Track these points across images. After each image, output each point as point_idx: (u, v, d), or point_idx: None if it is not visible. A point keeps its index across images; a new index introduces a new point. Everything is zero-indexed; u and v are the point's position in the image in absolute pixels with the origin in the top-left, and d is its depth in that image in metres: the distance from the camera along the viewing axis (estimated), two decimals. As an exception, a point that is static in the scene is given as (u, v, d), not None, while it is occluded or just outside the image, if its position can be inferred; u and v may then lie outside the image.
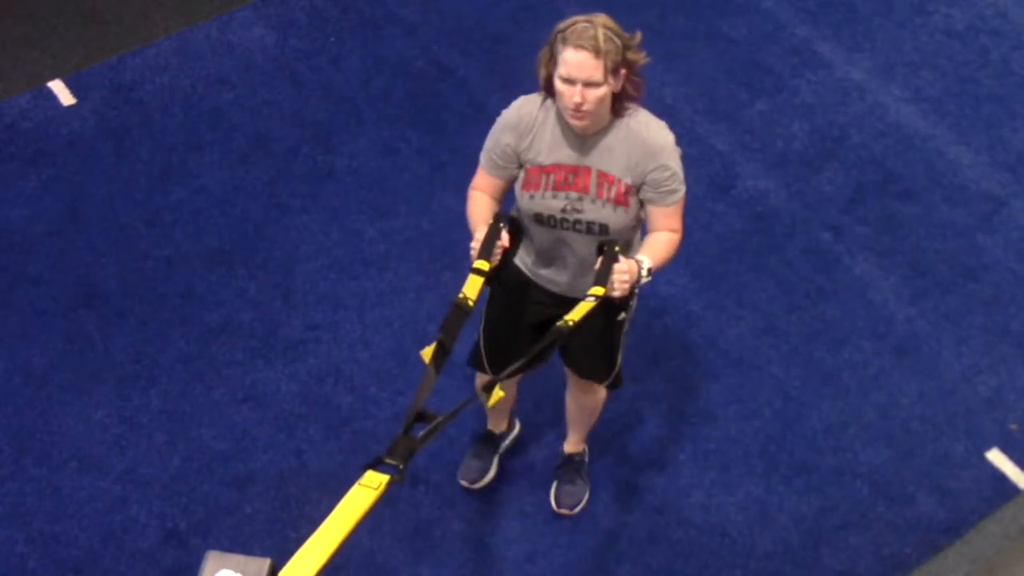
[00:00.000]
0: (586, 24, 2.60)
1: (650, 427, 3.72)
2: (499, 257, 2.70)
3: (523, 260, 2.99)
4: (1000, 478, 3.64)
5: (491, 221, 2.74)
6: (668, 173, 2.73)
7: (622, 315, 3.00)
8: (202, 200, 4.26)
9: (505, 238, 2.71)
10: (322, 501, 3.47)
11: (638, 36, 2.67)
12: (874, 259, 4.18)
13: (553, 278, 2.96)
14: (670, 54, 4.85)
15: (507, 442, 3.59)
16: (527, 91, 4.66)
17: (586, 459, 3.55)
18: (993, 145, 4.55)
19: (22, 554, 3.37)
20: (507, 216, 2.77)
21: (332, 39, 4.85)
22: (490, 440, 3.55)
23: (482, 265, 2.66)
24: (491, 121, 4.57)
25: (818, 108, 4.66)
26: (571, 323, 2.60)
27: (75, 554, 3.38)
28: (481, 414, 3.59)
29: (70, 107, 4.55)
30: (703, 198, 4.33)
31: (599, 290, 2.61)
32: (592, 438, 3.66)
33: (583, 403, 3.37)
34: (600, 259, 2.65)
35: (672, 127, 4.62)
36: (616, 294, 2.62)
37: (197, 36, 4.82)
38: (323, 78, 4.69)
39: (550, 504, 3.50)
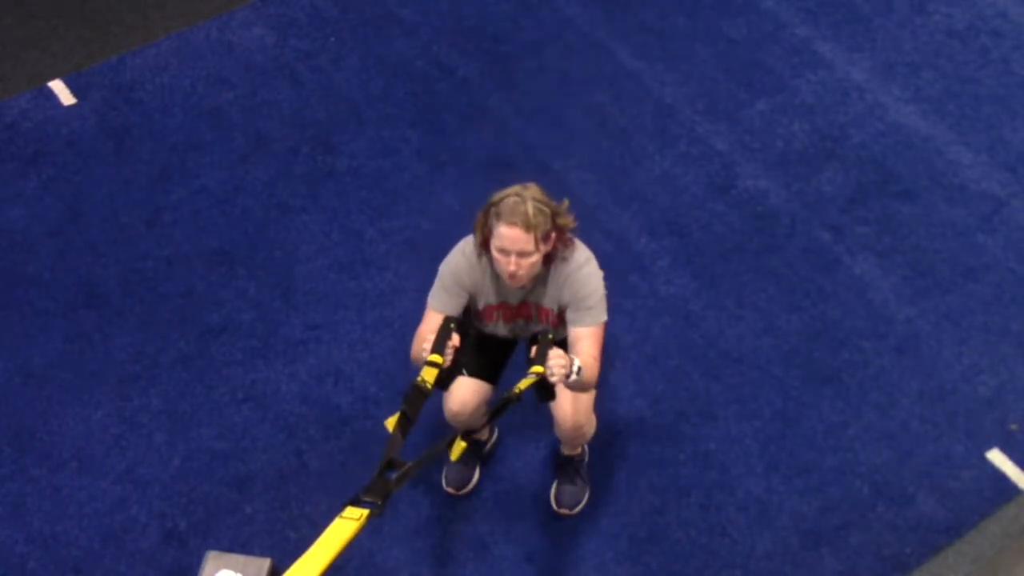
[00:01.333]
0: (516, 199, 2.88)
1: (649, 427, 3.72)
2: (451, 357, 2.91)
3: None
4: (1000, 478, 3.64)
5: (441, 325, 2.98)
6: (586, 296, 3.05)
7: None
8: (202, 200, 4.27)
9: (455, 339, 2.92)
10: (322, 501, 3.48)
11: (565, 203, 2.99)
12: (874, 259, 4.18)
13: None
14: (670, 54, 4.85)
15: (488, 447, 3.60)
16: (527, 91, 4.69)
17: (585, 459, 3.55)
18: (993, 145, 4.55)
19: (22, 554, 3.37)
20: (456, 319, 2.99)
21: (332, 39, 4.85)
22: (472, 446, 3.53)
23: (436, 359, 2.89)
24: (491, 121, 4.59)
25: (818, 108, 4.66)
26: (517, 392, 2.83)
27: (75, 554, 3.38)
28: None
29: (70, 107, 4.55)
30: (703, 198, 4.34)
31: (539, 368, 2.82)
32: (592, 438, 3.66)
33: (571, 439, 3.38)
34: (535, 347, 2.86)
35: (672, 127, 4.63)
36: (554, 378, 2.83)
37: (197, 36, 4.82)
38: (323, 78, 4.69)
39: (550, 504, 3.50)
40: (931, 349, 3.93)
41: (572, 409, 3.19)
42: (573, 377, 2.85)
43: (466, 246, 3.09)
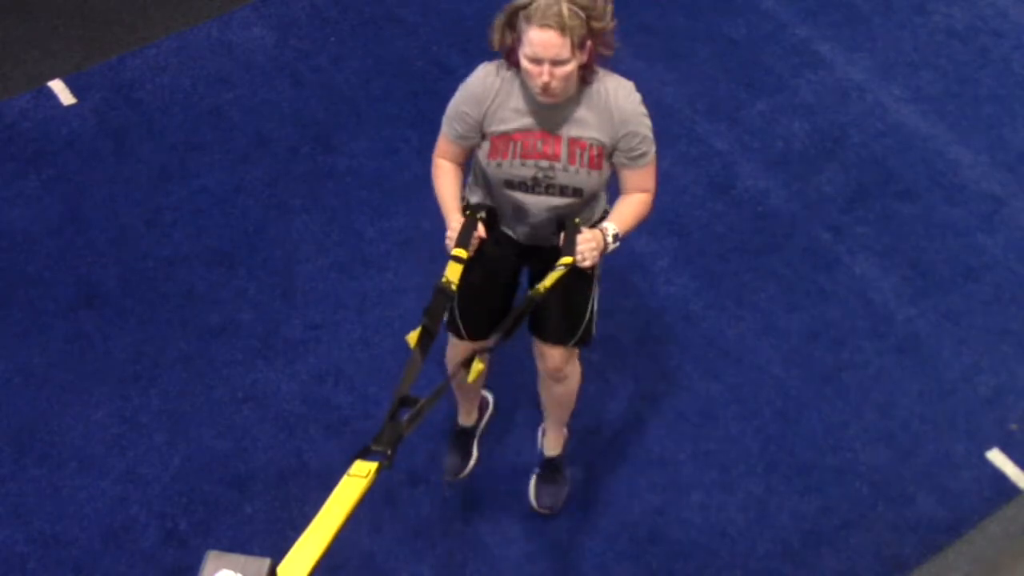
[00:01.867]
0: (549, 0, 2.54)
1: (650, 427, 3.72)
2: (476, 247, 2.74)
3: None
4: (1000, 478, 3.64)
5: (463, 208, 2.78)
6: (638, 138, 2.75)
7: (594, 276, 3.02)
8: (202, 200, 4.27)
9: (481, 229, 2.75)
10: (322, 501, 3.46)
11: (604, 3, 2.62)
12: (874, 259, 4.18)
13: (513, 230, 2.97)
14: (670, 54, 4.85)
15: (482, 425, 3.58)
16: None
17: (565, 453, 3.51)
18: (993, 145, 4.55)
19: (22, 554, 3.37)
20: (483, 207, 2.80)
21: (332, 39, 4.85)
22: (464, 433, 3.53)
23: (460, 253, 2.70)
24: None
25: (818, 108, 4.66)
26: (542, 290, 2.63)
27: (75, 554, 3.38)
28: (452, 412, 3.57)
29: (70, 107, 4.55)
30: (703, 198, 4.34)
31: (568, 260, 2.63)
32: (592, 437, 3.66)
33: (553, 392, 3.28)
34: (562, 234, 2.69)
35: (672, 127, 4.63)
36: (587, 263, 2.65)
37: (197, 36, 4.82)
38: (323, 78, 4.69)
39: (529, 500, 3.49)
40: (931, 349, 3.94)
41: (555, 354, 3.07)
42: (611, 248, 2.68)
43: (489, 64, 2.78)
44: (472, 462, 3.52)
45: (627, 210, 2.79)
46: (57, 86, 4.60)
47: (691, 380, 3.83)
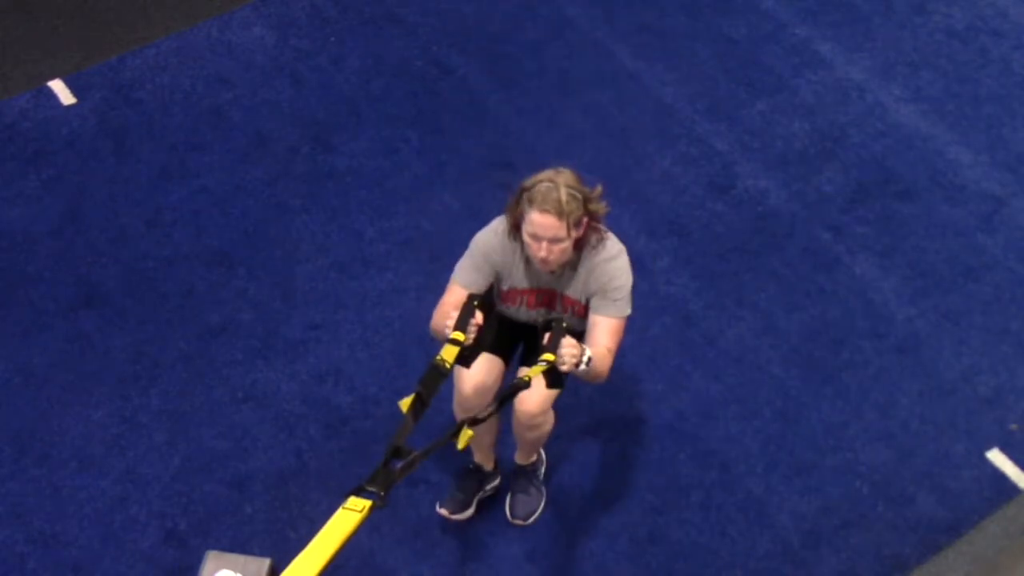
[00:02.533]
0: (550, 185, 2.86)
1: (650, 427, 3.72)
2: (474, 334, 2.88)
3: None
4: (1000, 478, 3.64)
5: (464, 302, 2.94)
6: (615, 286, 3.03)
7: None
8: (202, 200, 4.27)
9: (479, 316, 2.89)
10: (322, 501, 3.48)
11: (598, 189, 2.97)
12: (874, 259, 4.18)
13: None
14: (670, 54, 4.85)
15: (489, 487, 3.51)
16: (527, 91, 4.69)
17: (540, 468, 3.52)
18: (993, 145, 4.55)
19: (22, 554, 3.37)
20: (480, 297, 2.96)
21: (332, 39, 4.85)
22: (475, 475, 3.49)
23: (458, 336, 2.86)
24: (491, 121, 4.59)
25: (818, 108, 4.66)
26: (527, 379, 2.82)
27: (75, 554, 3.38)
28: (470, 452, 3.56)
29: (70, 107, 4.55)
30: (703, 198, 4.34)
31: (550, 357, 2.81)
32: (592, 437, 3.66)
33: (526, 437, 3.33)
34: (548, 334, 2.86)
35: (672, 127, 4.63)
36: (565, 368, 2.82)
37: (197, 36, 4.82)
38: (323, 78, 4.69)
39: (505, 512, 3.48)
40: (931, 349, 3.94)
41: (534, 398, 3.13)
42: (583, 367, 2.83)
43: (499, 225, 3.06)
44: (469, 513, 3.47)
45: (600, 349, 2.98)
46: (57, 86, 4.60)
47: (691, 380, 3.83)
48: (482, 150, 4.46)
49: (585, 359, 2.83)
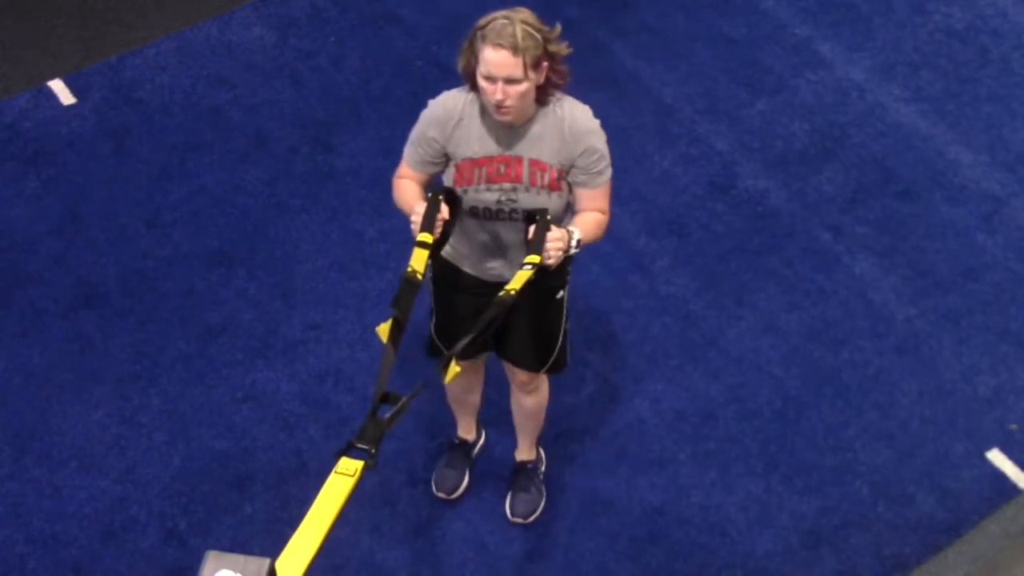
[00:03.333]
0: (504, 21, 2.65)
1: (650, 427, 3.72)
2: (440, 230, 2.71)
3: (455, 253, 2.99)
4: (1000, 478, 3.64)
5: (428, 197, 2.76)
6: (595, 156, 2.77)
7: (560, 293, 3.02)
8: (202, 200, 4.27)
9: (444, 210, 2.72)
10: (322, 501, 3.48)
11: (558, 29, 2.73)
12: (874, 259, 4.18)
13: (486, 265, 2.98)
14: (670, 54, 4.85)
15: (476, 450, 3.58)
16: (527, 91, 4.67)
17: (540, 467, 3.53)
18: (993, 145, 4.55)
19: (22, 554, 3.37)
20: (444, 188, 2.79)
21: (332, 39, 4.85)
22: (462, 448, 3.53)
23: (426, 238, 2.68)
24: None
25: (818, 108, 4.66)
26: (512, 292, 2.63)
27: (75, 554, 3.38)
28: (452, 424, 3.58)
29: (70, 107, 4.55)
30: (703, 198, 4.34)
31: (535, 258, 2.64)
32: (592, 437, 3.66)
33: (523, 404, 3.33)
34: (532, 228, 2.68)
35: (672, 127, 4.63)
36: (551, 261, 2.65)
37: (197, 36, 4.82)
38: (323, 78, 4.69)
39: (505, 511, 3.49)
40: (931, 349, 3.93)
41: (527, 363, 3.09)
42: (573, 250, 2.70)
43: (452, 91, 2.83)
44: (465, 483, 3.51)
45: (587, 223, 2.80)
46: (57, 86, 4.60)
47: (691, 380, 3.83)
48: (482, 150, 4.46)
49: (574, 242, 2.68)
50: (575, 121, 2.77)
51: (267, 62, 4.74)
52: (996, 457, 3.68)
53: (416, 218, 2.71)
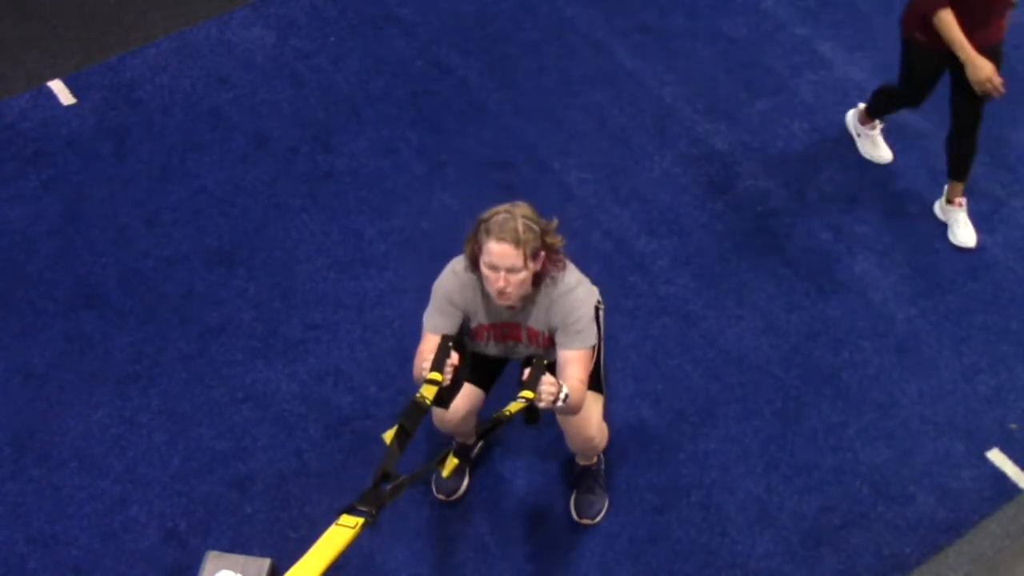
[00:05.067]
0: (506, 215, 2.92)
1: (650, 427, 3.72)
2: (451, 375, 2.91)
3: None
4: (1000, 477, 3.64)
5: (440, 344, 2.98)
6: (576, 320, 3.05)
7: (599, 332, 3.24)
8: (202, 200, 4.27)
9: (454, 357, 2.92)
10: (322, 501, 3.48)
11: (555, 222, 3.02)
12: (874, 259, 4.18)
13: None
14: (670, 54, 4.85)
15: (475, 452, 3.60)
16: (527, 91, 4.69)
17: (602, 467, 3.55)
18: (993, 145, 4.55)
19: (22, 554, 3.37)
20: (453, 338, 2.99)
21: (332, 39, 4.85)
22: (461, 451, 3.53)
23: (435, 376, 2.90)
24: (491, 121, 4.59)
25: (818, 108, 4.66)
26: (508, 414, 2.87)
27: (75, 554, 3.38)
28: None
29: (70, 107, 4.55)
30: (703, 198, 4.34)
31: (529, 394, 2.84)
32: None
33: (586, 452, 3.43)
34: (528, 370, 2.88)
35: (672, 127, 4.62)
36: (542, 404, 2.85)
37: (197, 36, 4.82)
38: (323, 78, 4.69)
39: (570, 511, 3.50)
40: (931, 349, 3.93)
41: (582, 424, 3.21)
42: (560, 404, 2.87)
43: (456, 265, 3.11)
44: (464, 484, 3.54)
45: (574, 388, 3.00)
46: (57, 86, 4.60)
47: (691, 380, 3.83)
48: (482, 150, 4.46)
49: (563, 396, 2.87)
50: (559, 292, 3.06)
51: (267, 62, 4.74)
52: (996, 457, 3.68)
53: (426, 363, 2.92)
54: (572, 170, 4.40)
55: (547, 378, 2.85)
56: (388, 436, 2.85)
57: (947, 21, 3.77)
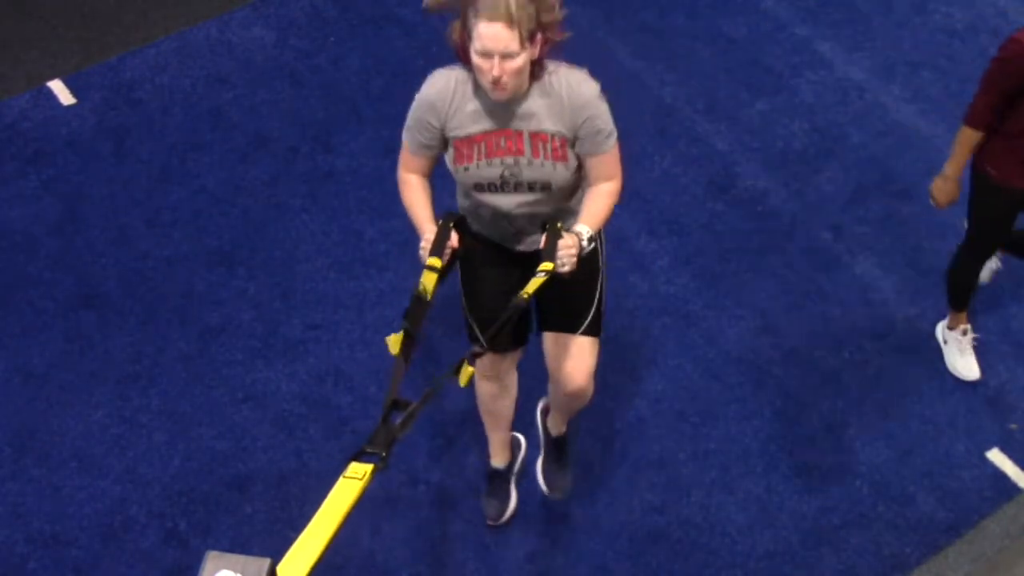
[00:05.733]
0: None
1: (650, 427, 3.72)
2: (448, 257, 2.73)
3: (479, 232, 2.97)
4: (1000, 477, 3.64)
5: (436, 219, 2.78)
6: (598, 123, 2.71)
7: (599, 263, 3.00)
8: (202, 200, 4.27)
9: (454, 238, 2.74)
10: (322, 501, 3.47)
11: None
12: (874, 259, 4.18)
13: (501, 239, 2.96)
14: (670, 54, 4.85)
15: (517, 466, 3.49)
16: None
17: (571, 436, 3.43)
18: (993, 145, 4.55)
19: (22, 554, 3.37)
20: (455, 215, 2.81)
21: (332, 39, 4.85)
22: (499, 476, 3.45)
23: (435, 262, 2.71)
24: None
25: (818, 108, 4.66)
26: (526, 296, 2.65)
27: (75, 554, 3.38)
28: (485, 451, 3.52)
29: (70, 107, 4.55)
30: (703, 198, 4.34)
31: (548, 265, 2.65)
32: (592, 437, 3.66)
33: (573, 407, 3.25)
34: (544, 237, 2.69)
35: (672, 127, 4.62)
36: (565, 269, 2.66)
37: (197, 36, 4.82)
38: (323, 78, 4.69)
39: (546, 497, 3.45)
40: (931, 349, 3.93)
41: (576, 370, 3.03)
42: (586, 249, 2.69)
43: (442, 69, 2.76)
44: (512, 505, 3.44)
45: (596, 207, 2.78)
46: (57, 86, 4.60)
47: (691, 380, 3.83)
48: (482, 150, 4.46)
49: (586, 242, 2.67)
50: (573, 92, 2.69)
51: (267, 62, 4.74)
52: (996, 457, 3.68)
53: (425, 243, 2.74)
54: (572, 170, 4.40)
55: (563, 242, 2.64)
56: (393, 342, 2.64)
57: (967, 135, 3.39)
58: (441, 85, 2.73)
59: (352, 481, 2.38)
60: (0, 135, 4.44)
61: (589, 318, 3.03)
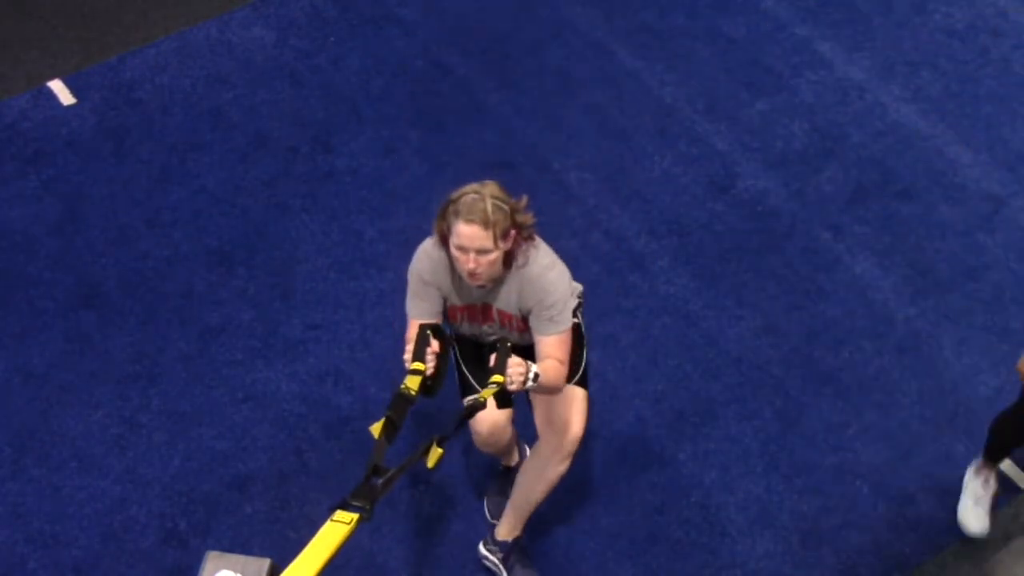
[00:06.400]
0: (475, 196, 2.83)
1: (651, 427, 3.72)
2: (432, 362, 2.90)
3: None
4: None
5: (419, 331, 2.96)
6: (547, 306, 2.96)
7: (575, 320, 3.16)
8: (202, 200, 4.27)
9: (435, 344, 2.90)
10: (322, 501, 3.47)
11: (524, 200, 2.92)
12: (874, 259, 4.18)
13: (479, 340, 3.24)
14: (670, 54, 4.85)
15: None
16: (527, 91, 4.69)
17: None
18: (993, 145, 4.55)
19: (22, 554, 3.37)
20: (432, 325, 2.97)
21: (332, 39, 4.85)
22: (507, 474, 3.49)
23: (418, 366, 2.89)
24: (491, 121, 4.59)
25: (818, 108, 4.66)
26: (482, 399, 2.87)
27: (75, 554, 3.38)
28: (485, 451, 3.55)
29: (70, 107, 4.55)
30: (703, 198, 4.34)
31: (499, 378, 2.82)
32: (593, 438, 3.66)
33: (546, 475, 3.19)
34: (494, 355, 2.86)
35: (672, 127, 4.62)
36: (513, 387, 2.83)
37: (197, 36, 4.82)
38: (323, 78, 4.69)
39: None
40: (931, 349, 3.93)
41: (577, 420, 3.13)
42: (531, 384, 2.84)
43: (427, 245, 3.03)
44: None
45: (547, 367, 2.97)
46: (57, 86, 4.60)
47: (691, 380, 3.83)
48: (482, 150, 4.46)
49: (531, 376, 2.83)
50: (531, 274, 2.97)
51: (267, 62, 4.74)
52: (996, 457, 3.68)
53: (408, 352, 2.91)
54: (572, 170, 4.40)
55: (513, 360, 2.82)
56: (376, 428, 2.83)
57: None
58: (434, 255, 3.01)
59: (339, 525, 2.58)
60: (0, 135, 4.44)
61: (576, 377, 3.20)
